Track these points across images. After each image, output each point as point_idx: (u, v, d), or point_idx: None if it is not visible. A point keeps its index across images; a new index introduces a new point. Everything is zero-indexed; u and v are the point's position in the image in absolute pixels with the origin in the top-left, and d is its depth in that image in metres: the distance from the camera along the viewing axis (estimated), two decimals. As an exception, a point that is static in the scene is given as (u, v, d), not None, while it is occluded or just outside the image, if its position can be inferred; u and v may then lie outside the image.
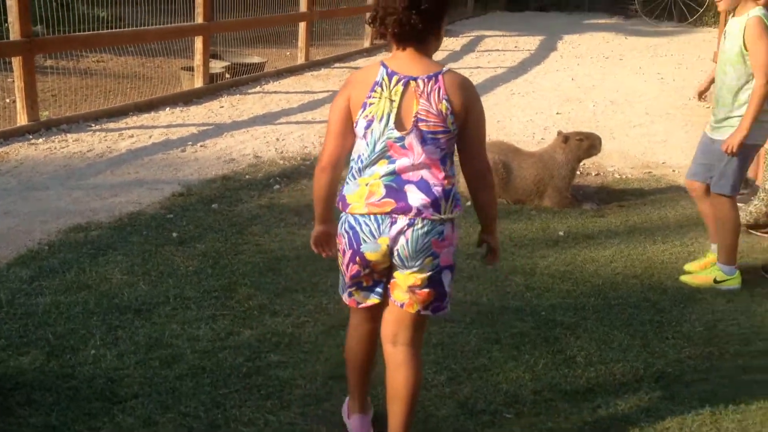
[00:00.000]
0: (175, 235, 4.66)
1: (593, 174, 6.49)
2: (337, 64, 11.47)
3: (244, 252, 4.48)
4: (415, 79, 2.37)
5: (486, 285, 4.19)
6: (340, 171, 2.52)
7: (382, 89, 2.37)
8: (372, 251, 2.42)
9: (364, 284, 2.54)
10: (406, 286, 2.46)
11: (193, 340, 3.48)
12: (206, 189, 5.55)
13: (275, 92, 9.24)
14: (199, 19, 8.49)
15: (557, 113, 8.81)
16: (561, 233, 5.07)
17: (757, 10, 3.94)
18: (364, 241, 2.42)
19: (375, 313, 2.63)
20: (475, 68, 11.70)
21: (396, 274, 2.47)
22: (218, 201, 5.29)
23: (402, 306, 2.51)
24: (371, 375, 2.85)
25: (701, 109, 8.57)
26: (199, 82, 8.69)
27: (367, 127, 2.40)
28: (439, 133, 2.39)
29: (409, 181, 2.39)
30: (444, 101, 2.36)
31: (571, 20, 18.91)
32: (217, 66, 9.43)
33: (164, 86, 9.05)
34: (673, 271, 4.53)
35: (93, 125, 7.07)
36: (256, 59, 10.37)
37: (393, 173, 2.40)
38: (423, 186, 2.39)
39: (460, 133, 2.43)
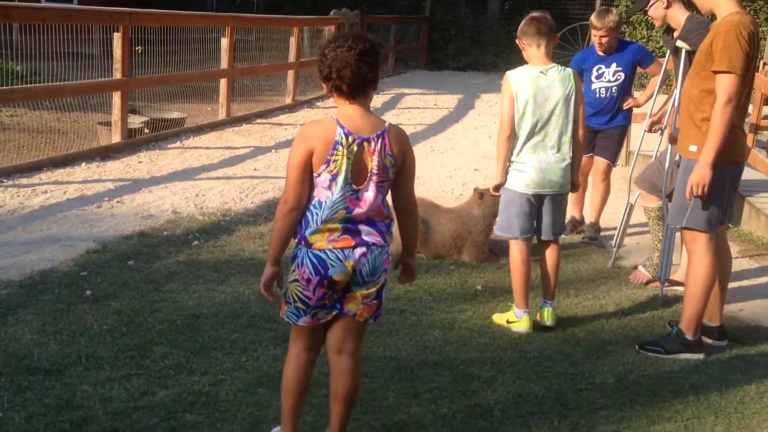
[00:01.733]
0: (88, 293, 4.55)
1: (509, 229, 6.66)
2: (258, 120, 11.53)
3: (160, 310, 4.40)
4: (368, 140, 2.73)
5: (405, 340, 4.23)
6: (302, 213, 2.79)
7: (343, 147, 2.71)
8: (339, 273, 2.78)
9: (327, 303, 2.87)
10: (361, 298, 2.86)
11: (106, 401, 3.39)
12: (122, 245, 5.45)
13: (196, 147, 9.21)
14: (117, 75, 8.44)
15: (475, 170, 9.05)
16: (479, 287, 5.18)
17: None
18: (332, 266, 2.77)
19: (316, 341, 2.99)
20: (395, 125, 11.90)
21: (353, 289, 2.85)
22: (135, 258, 5.21)
23: (354, 315, 2.89)
24: (304, 401, 3.06)
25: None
26: (116, 138, 8.59)
27: (332, 180, 2.73)
28: (384, 182, 2.81)
29: (361, 222, 2.80)
30: (388, 156, 2.78)
31: (488, 79, 19.53)
32: (135, 121, 9.35)
33: (81, 141, 8.90)
34: (586, 324, 4.67)
35: (5, 181, 6.88)
36: (175, 114, 10.33)
37: (349, 220, 2.77)
38: (372, 225, 2.82)
39: (396, 177, 2.85)
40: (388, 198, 2.92)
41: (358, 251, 2.78)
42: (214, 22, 11.05)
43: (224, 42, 10.63)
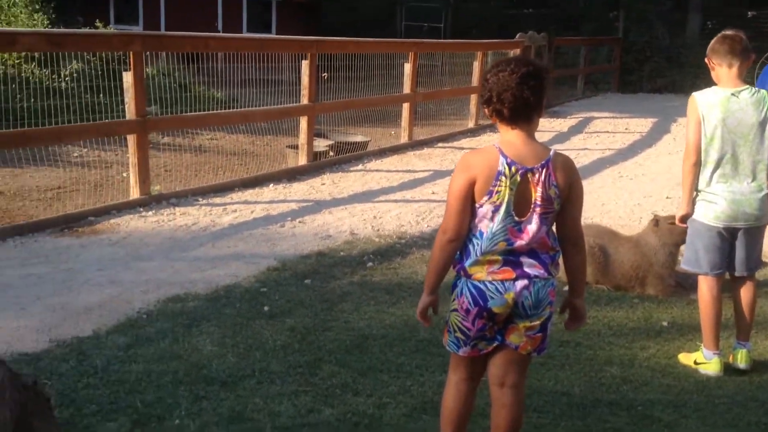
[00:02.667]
0: (266, 308, 4.72)
1: (701, 261, 6.18)
2: (440, 144, 11.59)
3: (332, 329, 4.47)
4: (531, 170, 2.62)
5: (579, 375, 4.01)
6: (462, 243, 2.71)
7: (506, 178, 2.61)
8: (499, 305, 2.68)
9: (488, 335, 2.77)
10: (524, 330, 2.73)
11: (275, 415, 3.47)
12: (301, 264, 5.62)
13: (377, 170, 9.39)
14: (305, 100, 8.81)
15: (667, 197, 8.53)
16: (665, 323, 4.82)
17: None
18: (491, 298, 2.68)
19: (477, 371, 2.90)
20: (581, 149, 11.56)
21: (516, 320, 2.73)
22: (312, 276, 5.35)
23: (516, 348, 2.77)
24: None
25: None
26: (302, 160, 8.95)
27: (495, 211, 2.65)
28: (548, 213, 2.68)
29: (523, 253, 2.68)
30: (553, 187, 2.65)
31: (686, 102, 18.38)
32: (321, 144, 9.71)
33: (270, 163, 9.38)
34: (786, 369, 4.20)
35: (200, 200, 7.36)
36: (359, 138, 10.63)
37: (510, 251, 2.66)
38: (535, 256, 2.69)
39: (561, 207, 2.70)
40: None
41: (520, 284, 2.66)
42: (397, 48, 11.30)
43: (407, 67, 10.81)
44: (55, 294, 4.80)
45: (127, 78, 6.58)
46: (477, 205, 2.66)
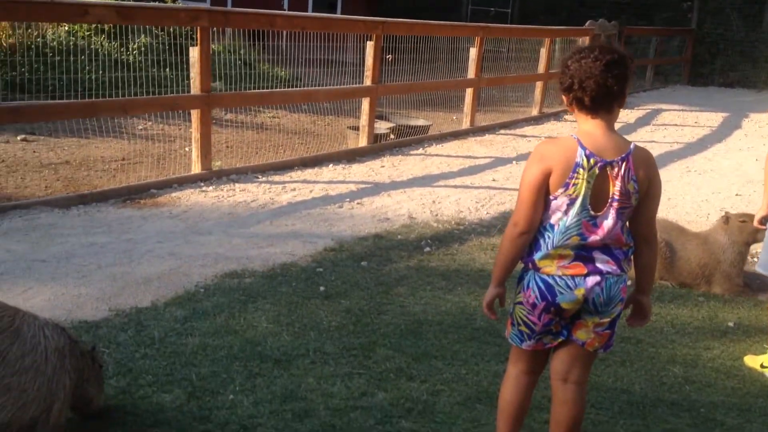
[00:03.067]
0: (322, 288, 4.70)
1: None
2: (502, 131, 11.42)
3: (387, 312, 4.43)
4: (611, 163, 2.50)
5: (639, 373, 3.88)
6: (532, 236, 2.62)
7: (584, 170, 2.50)
8: (568, 301, 2.59)
9: (554, 330, 2.69)
10: (592, 327, 2.65)
11: (327, 396, 3.44)
12: (358, 246, 5.59)
13: (437, 155, 9.30)
14: (368, 82, 8.75)
15: (737, 194, 8.24)
16: (730, 324, 4.65)
17: None
18: (561, 293, 2.58)
19: (538, 365, 2.83)
20: (648, 142, 11.24)
21: (585, 316, 2.64)
22: (368, 259, 5.31)
23: (583, 345, 2.69)
24: (521, 425, 2.88)
25: None
26: (363, 142, 8.91)
27: (570, 204, 2.54)
28: (625, 209, 2.57)
29: (595, 248, 2.57)
30: (632, 181, 2.53)
31: (759, 98, 17.89)
32: (382, 127, 9.66)
33: (330, 143, 9.37)
34: None
35: (260, 177, 7.39)
36: (421, 122, 10.53)
37: (583, 246, 2.57)
38: (608, 252, 2.58)
39: (638, 203, 2.59)
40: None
41: (591, 280, 2.56)
42: (464, 32, 11.12)
43: (473, 52, 10.66)
44: (115, 263, 4.86)
45: (194, 53, 6.62)
46: (551, 197, 2.55)
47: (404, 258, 5.41)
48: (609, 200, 2.53)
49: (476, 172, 8.48)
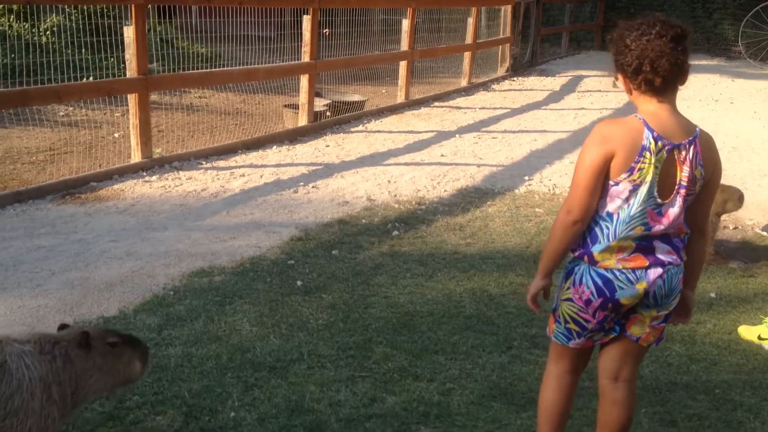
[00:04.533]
0: (299, 283, 4.43)
1: (731, 228, 6.03)
2: (436, 103, 11.26)
3: (373, 305, 4.21)
4: (678, 146, 2.33)
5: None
6: (586, 225, 2.42)
7: (651, 154, 2.28)
8: (629, 296, 2.41)
9: (606, 326, 2.53)
10: (649, 321, 2.49)
11: (336, 406, 3.21)
12: (324, 233, 5.33)
13: (378, 131, 9.06)
14: (306, 58, 8.40)
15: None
16: (712, 295, 4.65)
17: None
18: (620, 288, 2.40)
19: (582, 363, 2.68)
20: (578, 109, 11.33)
21: (641, 310, 2.48)
22: (338, 247, 5.06)
23: (637, 340, 2.54)
24: (564, 427, 2.73)
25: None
26: (303, 121, 8.58)
27: (633, 191, 2.34)
28: (690, 196, 2.40)
29: (655, 238, 2.41)
30: (699, 167, 2.36)
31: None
32: (319, 104, 9.33)
33: (266, 123, 8.98)
34: None
35: (204, 163, 6.99)
36: (356, 97, 10.25)
37: (645, 237, 2.39)
38: (667, 241, 2.43)
39: (699, 190, 2.42)
40: None
41: (653, 272, 2.39)
42: (397, 3, 10.85)
43: (405, 23, 10.41)
44: (70, 268, 4.45)
45: (128, 33, 6.13)
46: (610, 183, 2.35)
47: (374, 244, 5.19)
48: (676, 187, 2.34)
49: (422, 147, 8.29)
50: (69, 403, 2.43)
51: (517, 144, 8.78)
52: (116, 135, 7.88)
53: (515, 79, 14.35)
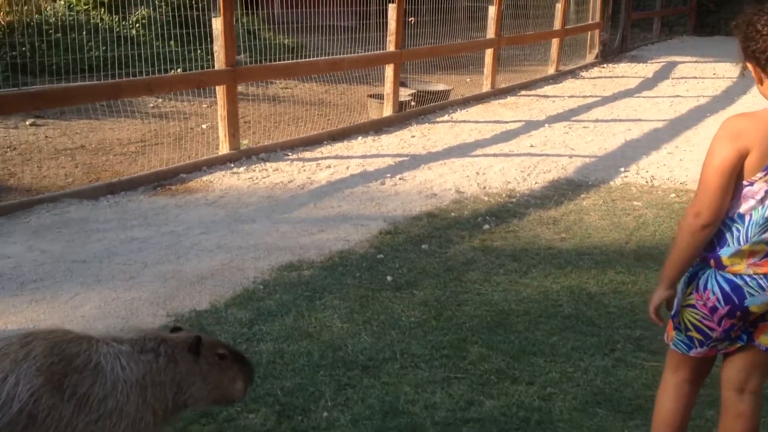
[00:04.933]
0: (389, 278, 4.33)
1: None
2: (522, 92, 11.00)
3: (466, 303, 4.06)
4: None
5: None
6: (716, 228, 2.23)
7: None
8: (759, 304, 2.24)
9: (733, 335, 2.35)
10: None
11: (431, 408, 3.09)
12: (413, 227, 5.21)
13: (464, 121, 8.88)
14: (391, 47, 8.29)
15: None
16: None
17: None
18: (751, 294, 2.23)
19: (703, 372, 2.51)
20: (674, 97, 10.87)
21: None
22: (427, 241, 4.93)
23: (767, 350, 2.34)
24: None
25: None
26: (388, 111, 8.48)
27: None
28: None
29: None
30: None
31: (768, 45, 17.42)
32: (403, 94, 9.21)
33: (350, 114, 8.92)
34: None
35: (290, 154, 6.96)
36: (441, 86, 10.09)
37: None
38: None
39: None
40: None
41: None
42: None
43: (492, 10, 10.18)
44: (162, 261, 4.46)
45: (217, 24, 6.14)
46: (745, 183, 2.16)
47: (465, 238, 5.03)
48: None
49: (510, 138, 8.07)
50: (168, 407, 2.37)
51: (611, 134, 8.45)
52: (204, 126, 7.95)
53: (605, 66, 13.91)
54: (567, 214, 5.63)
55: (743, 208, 2.18)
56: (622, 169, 6.99)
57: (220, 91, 6.39)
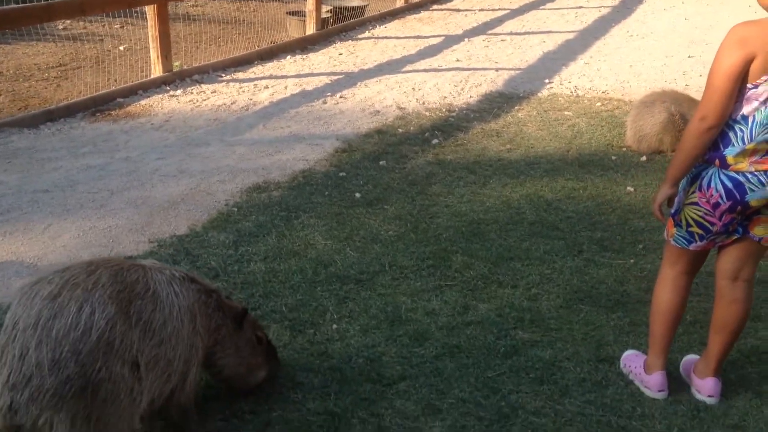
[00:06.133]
0: (358, 195, 4.44)
1: None
2: (435, 6, 11.05)
3: (438, 215, 4.24)
4: None
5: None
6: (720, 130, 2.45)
7: None
8: (759, 198, 2.46)
9: (731, 229, 2.57)
10: None
11: (432, 315, 3.28)
12: (365, 144, 5.30)
13: (386, 37, 8.90)
14: (313, -40, 8.13)
15: (689, 56, 8.35)
16: None
17: None
18: (751, 190, 2.44)
19: (698, 264, 2.75)
20: (577, 8, 11.21)
21: (766, 212, 2.52)
22: (384, 158, 5.05)
23: (760, 240, 2.58)
24: (677, 329, 2.84)
25: None
26: (311, 29, 8.38)
27: None
28: None
29: None
30: None
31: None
32: (323, 11, 9.09)
33: (269, 32, 8.75)
34: None
35: (223, 75, 6.84)
36: (356, 2, 9.99)
37: None
38: None
39: None
40: None
41: None
42: None
43: None
44: (127, 187, 4.39)
45: (144, -60, 5.86)
46: (749, 86, 2.36)
47: (418, 153, 5.18)
48: None
49: (435, 53, 8.17)
50: (207, 345, 2.45)
51: (528, 46, 8.70)
52: (122, 48, 7.64)
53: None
54: (507, 126, 5.86)
55: (747, 110, 2.39)
56: (547, 81, 7.25)
57: (150, 10, 6.16)
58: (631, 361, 2.92)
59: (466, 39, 8.91)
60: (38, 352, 1.99)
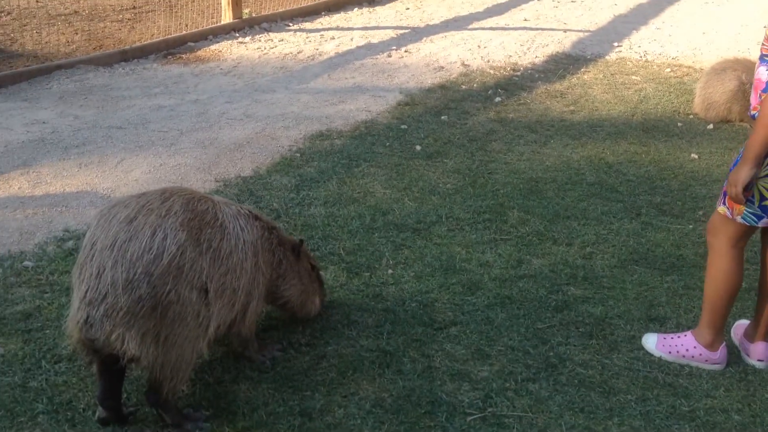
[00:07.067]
0: (418, 148, 4.50)
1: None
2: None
3: (496, 171, 4.28)
4: None
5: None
6: None
7: None
8: None
9: None
10: None
11: (486, 266, 3.34)
12: (428, 99, 5.34)
13: (454, -7, 8.83)
14: None
15: (765, 26, 8.06)
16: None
17: None
18: None
19: (747, 240, 2.71)
20: (653, -27, 10.89)
21: None
22: (446, 113, 5.08)
23: None
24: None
25: None
26: (380, -19, 8.36)
27: None
28: None
29: None
30: None
31: None
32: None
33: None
34: None
35: (291, 24, 6.92)
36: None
37: None
38: None
39: None
40: None
41: None
42: None
43: None
44: (196, 128, 4.54)
45: None
46: None
47: (480, 110, 5.20)
48: None
49: (503, 11, 8.09)
50: (270, 279, 2.58)
51: (598, 8, 8.54)
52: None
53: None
54: (572, 87, 5.81)
55: None
56: (616, 44, 7.14)
57: (224, -43, 6.25)
58: (676, 346, 2.81)
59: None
60: (114, 272, 2.12)
